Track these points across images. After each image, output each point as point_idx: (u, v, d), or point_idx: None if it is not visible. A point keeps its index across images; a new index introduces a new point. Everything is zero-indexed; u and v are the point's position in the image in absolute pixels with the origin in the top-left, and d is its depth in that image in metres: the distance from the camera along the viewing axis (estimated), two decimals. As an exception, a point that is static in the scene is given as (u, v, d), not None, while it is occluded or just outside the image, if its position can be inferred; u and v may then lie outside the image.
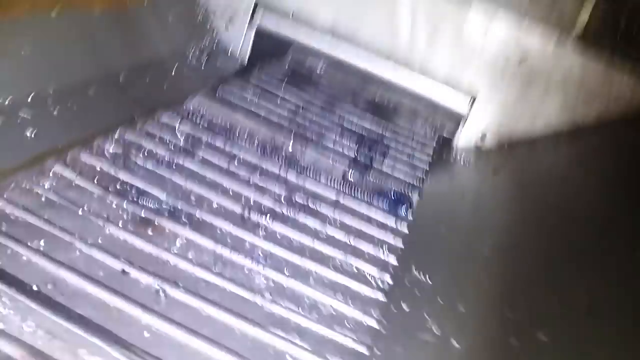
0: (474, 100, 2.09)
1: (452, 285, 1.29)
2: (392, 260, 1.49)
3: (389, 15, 2.11)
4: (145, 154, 1.57)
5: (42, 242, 1.15)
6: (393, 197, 1.78)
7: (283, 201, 1.59)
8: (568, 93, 1.93)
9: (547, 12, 1.95)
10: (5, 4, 1.42)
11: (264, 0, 2.24)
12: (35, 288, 1.03)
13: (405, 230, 1.63)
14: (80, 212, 1.28)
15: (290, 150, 1.87)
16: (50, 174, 1.35)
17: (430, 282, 1.29)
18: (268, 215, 1.50)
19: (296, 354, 1.13)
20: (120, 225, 1.28)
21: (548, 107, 1.97)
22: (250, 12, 2.25)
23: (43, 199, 1.27)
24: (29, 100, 1.42)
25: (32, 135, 1.34)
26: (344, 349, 1.18)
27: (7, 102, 1.37)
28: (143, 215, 1.34)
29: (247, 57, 2.32)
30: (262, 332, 1.14)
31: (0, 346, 0.92)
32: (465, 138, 2.13)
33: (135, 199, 1.38)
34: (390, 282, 1.39)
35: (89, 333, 0.97)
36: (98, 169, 1.44)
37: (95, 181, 1.39)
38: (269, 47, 2.44)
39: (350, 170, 1.87)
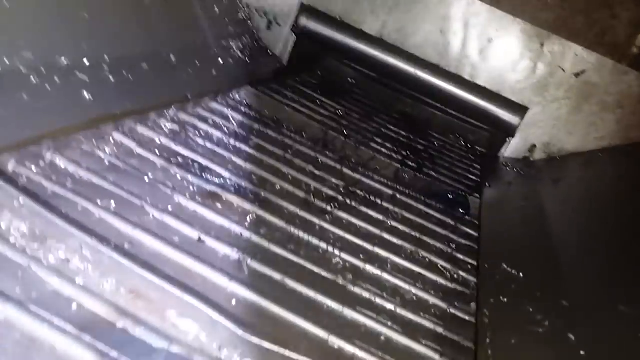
0: (525, 111, 2.06)
1: (547, 281, 1.20)
2: (465, 256, 1.41)
3: (441, 26, 2.08)
4: (202, 134, 1.49)
5: (112, 203, 1.04)
6: (449, 197, 1.71)
7: (343, 191, 1.51)
8: (624, 109, 1.90)
9: (600, 35, 1.94)
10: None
11: (310, 2, 2.21)
12: (113, 245, 0.92)
13: (471, 229, 1.55)
14: (146, 179, 1.18)
15: (341, 146, 1.80)
16: (110, 140, 1.26)
17: (524, 278, 1.20)
18: (332, 203, 1.42)
19: (390, 335, 1.03)
20: (188, 196, 1.18)
21: (603, 122, 1.93)
22: (295, 14, 2.22)
23: (106, 162, 1.17)
24: (86, 63, 1.33)
25: (90, 98, 1.25)
26: (439, 336, 1.08)
27: (64, 62, 1.28)
28: (209, 189, 1.25)
29: (286, 58, 2.27)
30: (350, 311, 1.04)
31: (83, 302, 0.81)
32: (513, 149, 2.08)
33: (199, 173, 1.29)
34: (473, 277, 1.30)
35: (178, 293, 0.86)
36: (157, 141, 1.35)
37: (156, 152, 1.29)
38: (307, 50, 2.40)
39: (402, 169, 1.81)
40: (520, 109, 2.11)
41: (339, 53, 2.41)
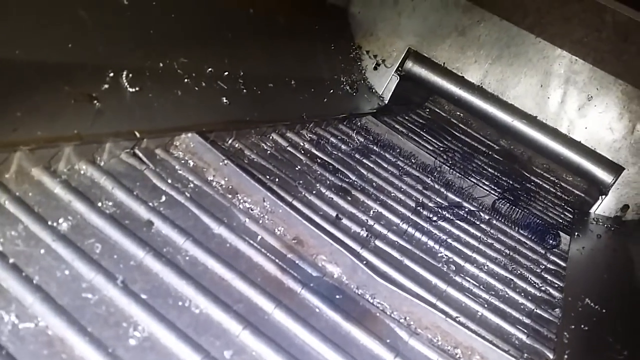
0: (620, 170, 2.18)
1: (629, 321, 1.35)
2: (553, 277, 1.59)
3: (542, 80, 2.30)
4: (333, 145, 1.80)
5: (276, 179, 1.36)
6: (540, 229, 1.89)
7: (447, 208, 1.75)
8: None
9: None
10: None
11: (417, 48, 2.49)
12: (285, 202, 1.22)
13: (559, 259, 1.72)
14: (296, 168, 1.49)
15: (446, 175, 2.04)
16: (270, 138, 1.59)
17: (606, 313, 1.36)
18: (437, 215, 1.66)
19: (485, 314, 1.24)
20: (326, 186, 1.48)
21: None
22: (401, 58, 2.50)
23: (268, 152, 1.51)
24: (224, 76, 1.61)
25: (227, 103, 1.52)
26: (527, 324, 1.28)
27: (210, 71, 1.56)
28: (341, 185, 1.54)
29: (388, 97, 2.52)
30: (453, 290, 1.27)
31: (264, 237, 1.11)
32: (605, 206, 2.18)
33: (333, 172, 1.59)
34: (559, 293, 1.48)
35: (328, 242, 1.14)
36: (302, 144, 1.68)
37: (302, 152, 1.61)
38: (408, 91, 2.67)
39: (499, 201, 2.01)
40: (615, 168, 2.22)
41: (442, 96, 2.67)
